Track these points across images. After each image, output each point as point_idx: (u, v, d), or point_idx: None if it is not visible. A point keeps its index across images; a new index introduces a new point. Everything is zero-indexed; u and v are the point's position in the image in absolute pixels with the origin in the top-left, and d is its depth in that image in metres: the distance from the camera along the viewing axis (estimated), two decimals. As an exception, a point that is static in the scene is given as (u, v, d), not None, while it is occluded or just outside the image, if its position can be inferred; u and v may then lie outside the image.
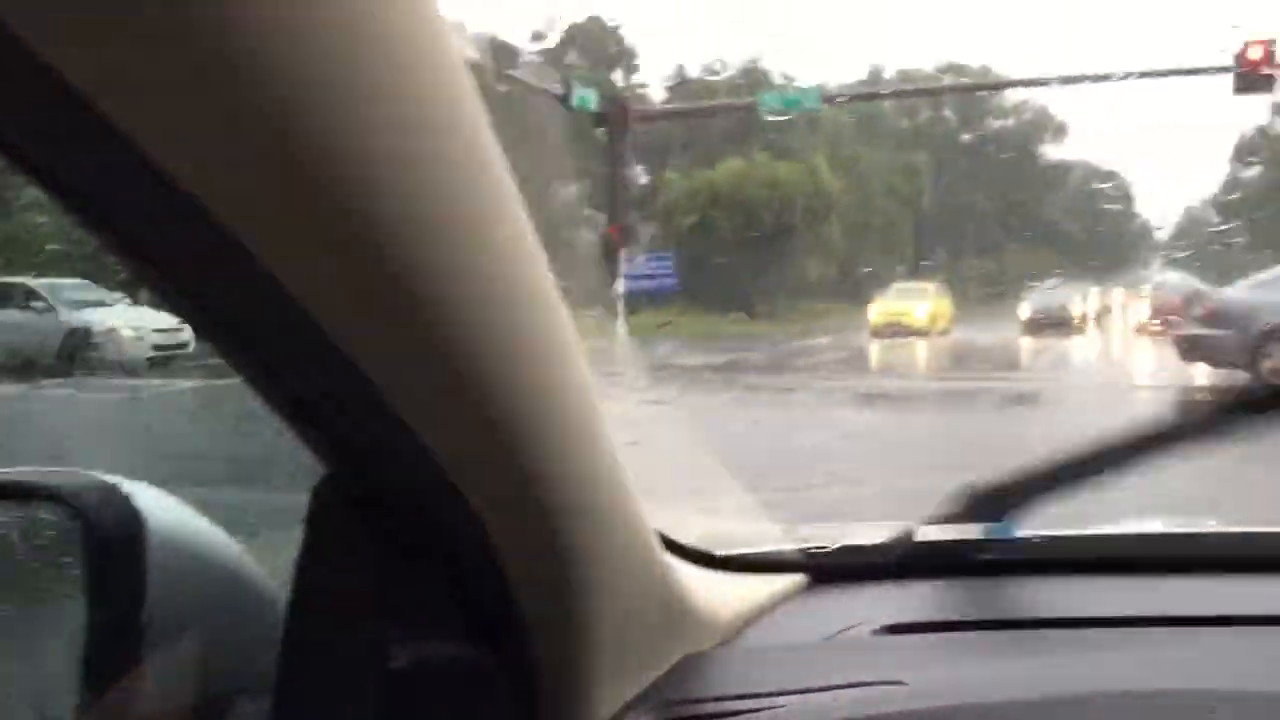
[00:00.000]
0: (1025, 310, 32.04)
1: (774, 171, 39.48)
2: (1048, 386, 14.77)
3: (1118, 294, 40.92)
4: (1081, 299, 32.53)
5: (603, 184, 31.56)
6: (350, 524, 0.86)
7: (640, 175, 50.75)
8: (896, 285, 32.28)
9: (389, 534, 0.86)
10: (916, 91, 53.86)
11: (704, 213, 38.94)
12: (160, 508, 0.99)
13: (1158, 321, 23.80)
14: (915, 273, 48.16)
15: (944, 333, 28.80)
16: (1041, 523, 1.44)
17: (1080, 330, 30.28)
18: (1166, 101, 64.54)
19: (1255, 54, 23.96)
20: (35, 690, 0.98)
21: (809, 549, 1.43)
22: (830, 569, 1.41)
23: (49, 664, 0.97)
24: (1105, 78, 30.04)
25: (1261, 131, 50.00)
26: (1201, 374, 13.35)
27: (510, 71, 23.50)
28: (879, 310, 28.36)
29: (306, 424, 0.79)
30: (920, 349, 23.25)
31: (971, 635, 1.25)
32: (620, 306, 29.50)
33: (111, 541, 0.94)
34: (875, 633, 1.25)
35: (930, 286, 31.80)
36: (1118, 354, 23.62)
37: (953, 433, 10.05)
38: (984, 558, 1.40)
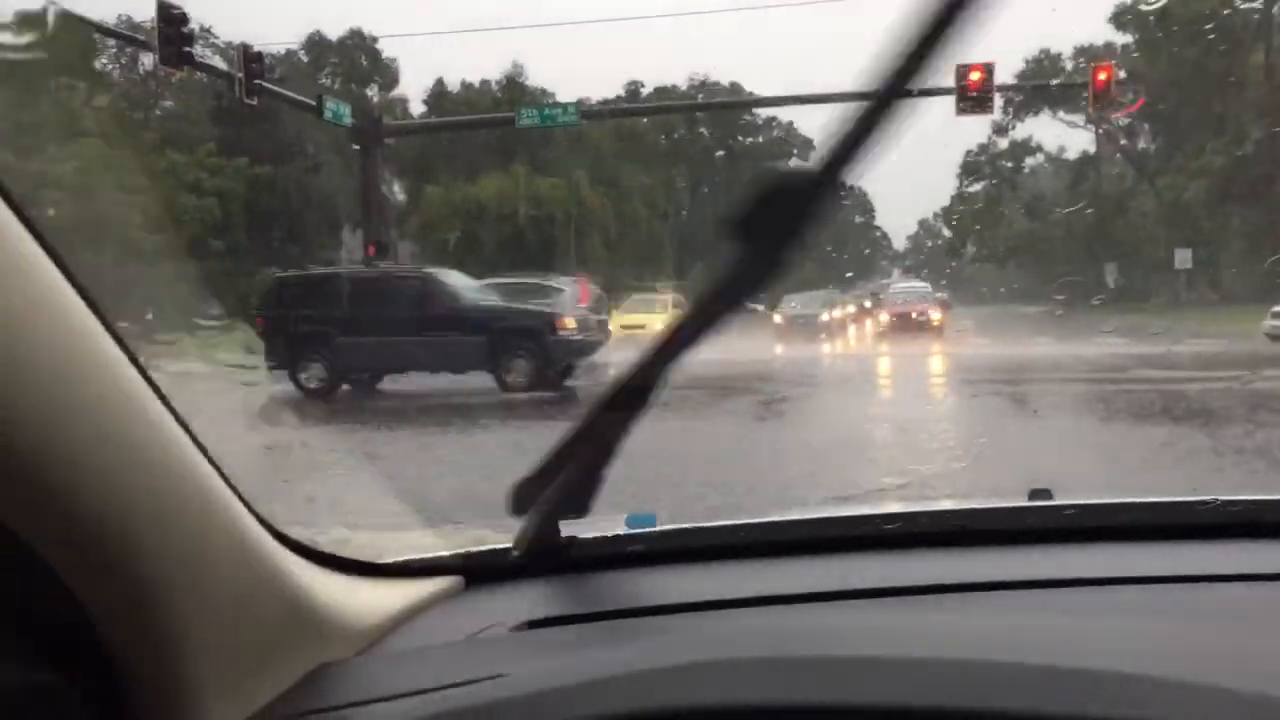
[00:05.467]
0: (778, 317, 33.54)
1: (536, 186, 39.64)
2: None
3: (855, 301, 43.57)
4: (829, 306, 34.21)
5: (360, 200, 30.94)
6: None
7: (399, 191, 50.00)
8: (635, 296, 31.91)
9: None
10: (670, 107, 55.26)
11: (466, 227, 38.69)
12: None
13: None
14: (682, 284, 49.35)
15: None
16: (685, 515, 1.51)
17: (830, 334, 31.83)
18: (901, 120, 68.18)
19: (975, 77, 26.04)
20: None
21: (464, 551, 1.44)
22: (485, 569, 1.42)
23: None
24: (843, 97, 31.83)
25: (983, 149, 53.95)
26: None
27: (261, 81, 22.76)
28: (617, 322, 27.59)
29: None
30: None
31: (603, 625, 1.28)
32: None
33: None
34: (514, 629, 1.27)
35: (668, 297, 30.98)
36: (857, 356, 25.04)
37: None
38: (631, 550, 1.45)
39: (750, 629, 1.17)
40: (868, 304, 42.71)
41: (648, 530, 1.50)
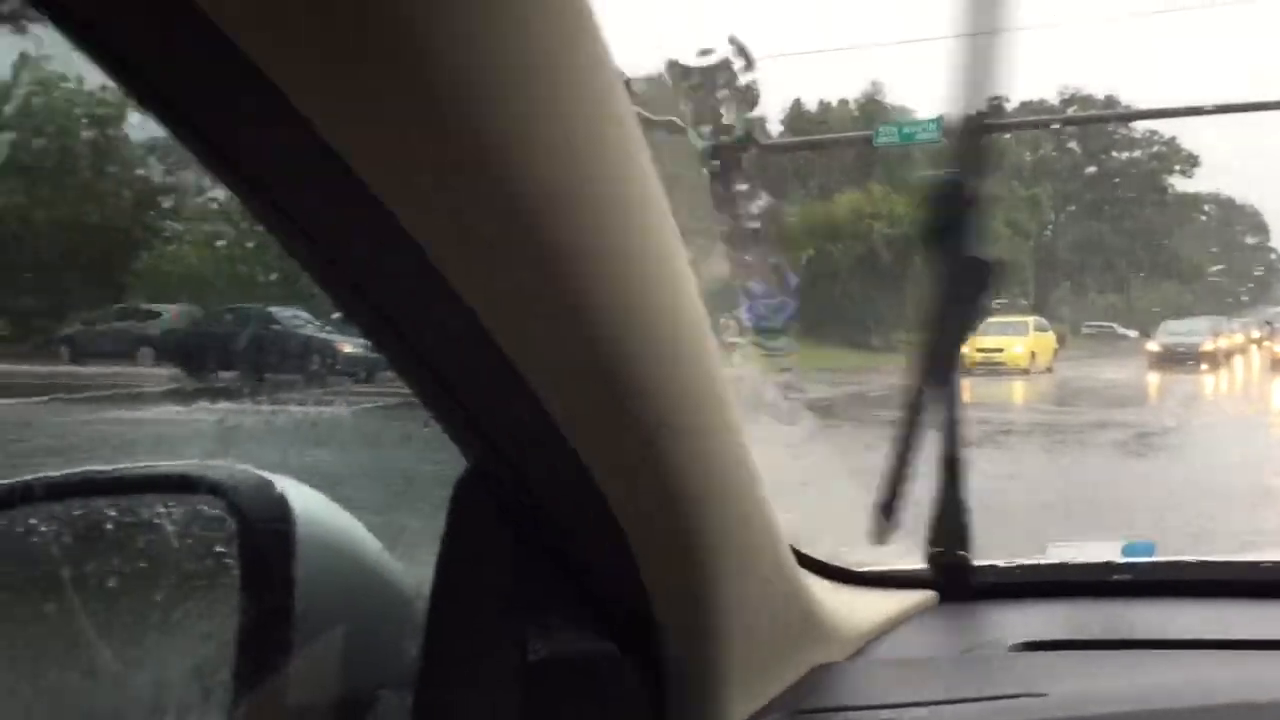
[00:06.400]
0: (1154, 344, 30.84)
1: (892, 205, 39.05)
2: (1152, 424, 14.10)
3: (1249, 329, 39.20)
4: (1214, 334, 31.18)
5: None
6: (489, 519, 0.87)
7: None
8: (992, 320, 30.54)
9: (526, 529, 0.87)
10: (1039, 123, 52.73)
11: (819, 246, 38.70)
12: (310, 504, 1.02)
13: None
14: (1043, 307, 47.02)
15: (1046, 369, 27.19)
16: (1173, 547, 1.45)
17: (1213, 366, 28.96)
18: None
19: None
20: (193, 676, 1.02)
21: (941, 566, 1.43)
22: (961, 587, 1.41)
23: (205, 651, 1.00)
24: (1236, 108, 29.04)
25: None
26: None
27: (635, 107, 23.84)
28: (972, 346, 26.76)
29: (456, 414, 0.81)
30: (1019, 386, 22.29)
31: (1108, 654, 1.23)
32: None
33: (264, 534, 0.97)
34: (1013, 649, 1.25)
35: (1029, 320, 29.95)
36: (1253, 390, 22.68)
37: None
38: (1117, 579, 1.40)
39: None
40: (1256, 333, 38.65)
41: (1143, 560, 1.47)
